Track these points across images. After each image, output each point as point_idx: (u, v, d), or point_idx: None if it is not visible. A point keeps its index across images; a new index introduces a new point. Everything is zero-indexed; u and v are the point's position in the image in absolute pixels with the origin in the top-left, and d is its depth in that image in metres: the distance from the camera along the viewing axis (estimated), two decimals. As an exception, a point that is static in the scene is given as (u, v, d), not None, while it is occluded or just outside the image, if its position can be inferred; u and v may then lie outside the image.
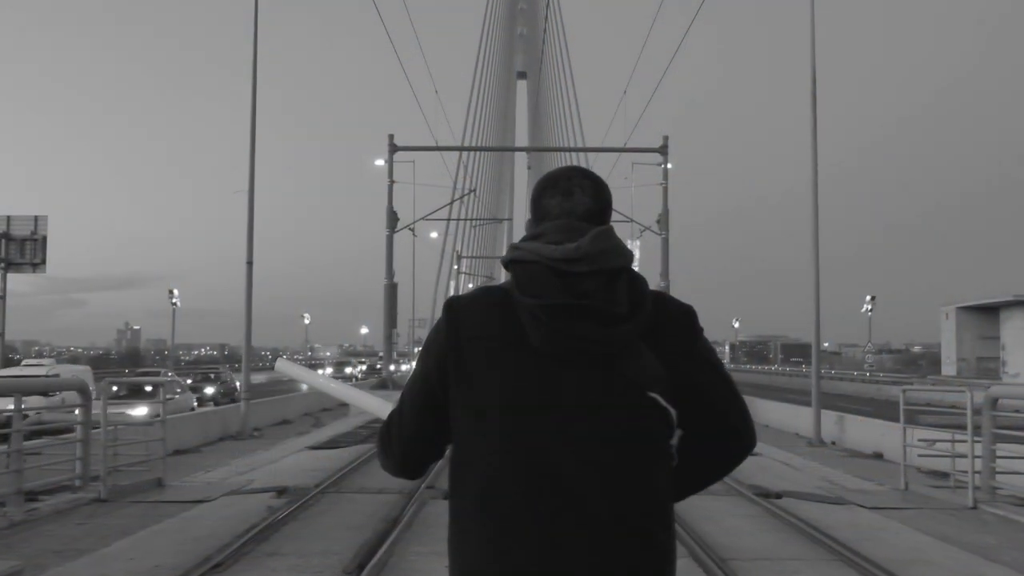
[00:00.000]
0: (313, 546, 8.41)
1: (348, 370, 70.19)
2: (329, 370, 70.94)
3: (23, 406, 10.33)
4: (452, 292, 65.27)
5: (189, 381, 34.47)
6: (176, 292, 62.29)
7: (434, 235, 62.75)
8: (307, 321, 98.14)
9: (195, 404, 28.19)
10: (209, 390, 34.37)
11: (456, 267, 65.86)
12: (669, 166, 36.73)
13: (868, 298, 65.40)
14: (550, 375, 1.71)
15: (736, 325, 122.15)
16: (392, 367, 40.39)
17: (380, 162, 38.05)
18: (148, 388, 22.91)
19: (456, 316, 1.80)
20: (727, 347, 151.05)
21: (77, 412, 11.45)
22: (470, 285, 74.58)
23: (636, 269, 1.81)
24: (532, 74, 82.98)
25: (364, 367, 72.29)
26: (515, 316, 1.73)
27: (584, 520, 1.66)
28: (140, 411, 19.70)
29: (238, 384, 39.21)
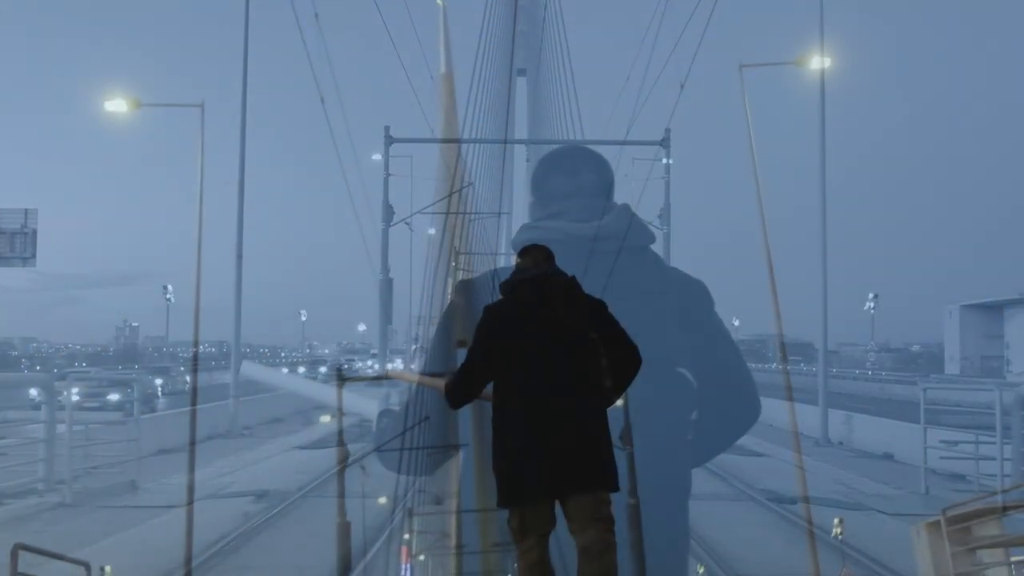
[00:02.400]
0: (287, 559, 7.71)
1: (323, 369, 64.83)
2: (301, 370, 67.22)
3: None
4: (449, 288, 64.55)
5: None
6: (171, 288, 61.60)
7: (432, 231, 62.13)
8: (304, 318, 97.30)
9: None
10: (114, 396, 26.95)
11: (454, 264, 65.19)
12: (670, 161, 36.02)
13: (871, 296, 64.49)
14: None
15: (736, 324, 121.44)
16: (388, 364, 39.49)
17: (377, 156, 37.40)
18: None
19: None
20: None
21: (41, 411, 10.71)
22: (468, 282, 73.83)
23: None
24: (531, 68, 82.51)
25: (325, 369, 63.28)
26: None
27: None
28: None
29: (159, 390, 36.62)
